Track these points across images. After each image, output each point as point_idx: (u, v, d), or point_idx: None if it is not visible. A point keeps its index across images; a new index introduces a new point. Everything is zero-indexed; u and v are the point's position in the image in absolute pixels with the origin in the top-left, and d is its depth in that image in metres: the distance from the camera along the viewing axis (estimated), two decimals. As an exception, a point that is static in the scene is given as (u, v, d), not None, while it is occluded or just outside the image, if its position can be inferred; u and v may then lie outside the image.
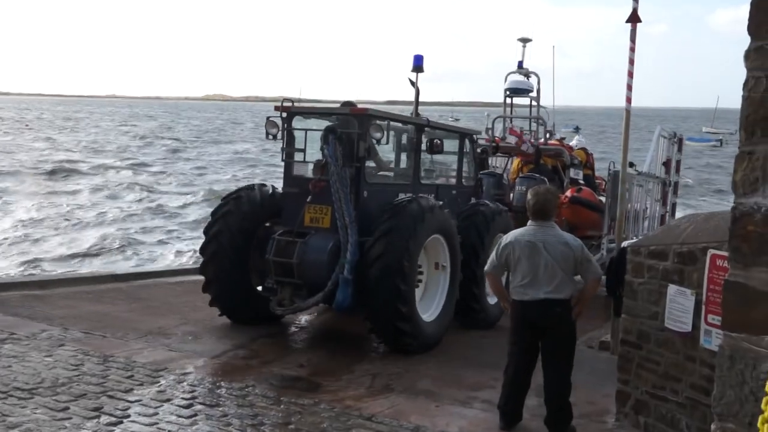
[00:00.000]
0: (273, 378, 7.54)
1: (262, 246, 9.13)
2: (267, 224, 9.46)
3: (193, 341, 8.79)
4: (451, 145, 10.67)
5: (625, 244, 8.31)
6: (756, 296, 2.91)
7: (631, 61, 10.08)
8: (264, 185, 9.85)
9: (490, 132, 15.69)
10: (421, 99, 10.67)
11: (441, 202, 9.32)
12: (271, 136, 9.36)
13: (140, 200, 30.27)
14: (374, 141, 8.90)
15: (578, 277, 6.31)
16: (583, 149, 15.90)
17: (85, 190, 32.15)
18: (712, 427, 3.06)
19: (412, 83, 10.44)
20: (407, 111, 10.86)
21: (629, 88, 10.17)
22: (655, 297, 5.84)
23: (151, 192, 32.51)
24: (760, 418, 2.67)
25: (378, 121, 9.02)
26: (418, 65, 10.48)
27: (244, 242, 9.28)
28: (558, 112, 17.02)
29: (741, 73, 3.11)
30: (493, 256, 6.44)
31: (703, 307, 5.40)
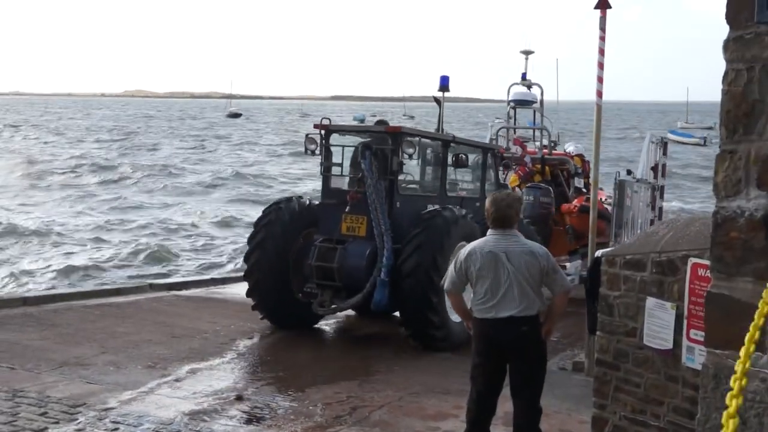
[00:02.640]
0: (207, 412, 7.49)
1: (300, 254, 10.92)
2: (304, 233, 11.15)
3: (115, 372, 8.68)
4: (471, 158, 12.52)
5: (599, 253, 8.40)
6: (741, 309, 2.92)
7: (601, 51, 10.23)
8: (300, 197, 11.81)
9: (493, 143, 16.85)
10: (370, 94, 11.72)
11: (465, 211, 11.05)
12: (309, 152, 11.20)
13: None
14: (407, 156, 10.78)
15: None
16: (580, 156, 17.02)
17: None
18: (697, 453, 3.08)
19: (438, 102, 12.46)
20: (355, 106, 11.70)
21: (600, 80, 10.33)
22: (633, 311, 5.90)
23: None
24: (724, 414, 2.67)
25: (409, 138, 10.86)
26: (444, 85, 12.65)
27: (285, 250, 10.99)
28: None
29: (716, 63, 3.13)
30: (451, 270, 6.33)
31: (685, 321, 5.47)
